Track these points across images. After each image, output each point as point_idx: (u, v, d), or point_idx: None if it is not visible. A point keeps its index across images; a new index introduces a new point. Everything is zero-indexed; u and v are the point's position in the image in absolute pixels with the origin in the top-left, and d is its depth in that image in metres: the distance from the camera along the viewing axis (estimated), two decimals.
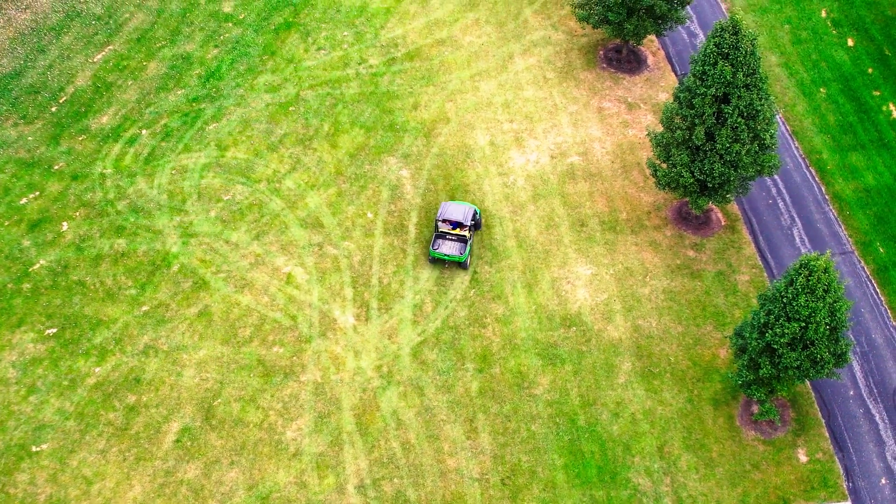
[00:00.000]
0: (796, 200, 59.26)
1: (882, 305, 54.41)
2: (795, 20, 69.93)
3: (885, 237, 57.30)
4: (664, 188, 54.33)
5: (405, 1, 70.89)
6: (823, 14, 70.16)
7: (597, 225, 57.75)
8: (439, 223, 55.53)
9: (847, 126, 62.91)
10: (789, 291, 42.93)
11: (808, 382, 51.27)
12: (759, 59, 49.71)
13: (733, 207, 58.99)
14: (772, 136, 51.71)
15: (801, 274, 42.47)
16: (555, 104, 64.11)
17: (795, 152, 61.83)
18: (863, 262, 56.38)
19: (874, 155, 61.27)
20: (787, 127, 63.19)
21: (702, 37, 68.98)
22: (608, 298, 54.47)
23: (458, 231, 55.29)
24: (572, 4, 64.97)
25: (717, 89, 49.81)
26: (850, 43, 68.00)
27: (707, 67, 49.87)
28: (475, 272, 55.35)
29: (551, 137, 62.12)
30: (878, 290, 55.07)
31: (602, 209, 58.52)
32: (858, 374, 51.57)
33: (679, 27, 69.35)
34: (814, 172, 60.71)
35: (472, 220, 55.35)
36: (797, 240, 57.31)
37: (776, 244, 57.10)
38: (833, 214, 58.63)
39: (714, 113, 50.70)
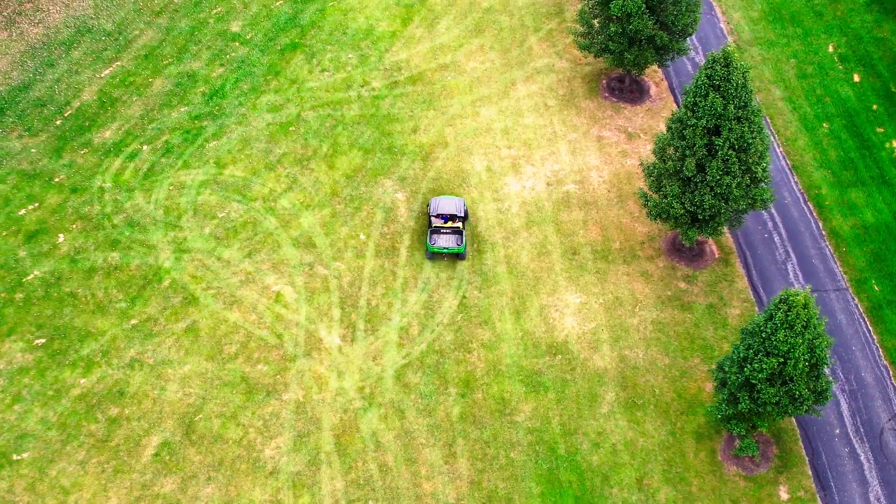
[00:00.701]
0: (792, 235, 58.81)
1: (874, 344, 53.76)
2: (802, 54, 69.65)
3: (880, 275, 56.70)
4: (655, 219, 54.12)
5: (412, 25, 71.39)
6: (831, 49, 69.84)
7: (589, 254, 57.59)
8: (433, 219, 57.13)
9: (848, 162, 62.46)
10: (768, 326, 42.57)
11: (793, 419, 50.70)
12: (752, 91, 49.57)
13: (728, 240, 58.63)
14: (764, 170, 51.44)
15: (780, 309, 42.10)
16: (554, 132, 64.16)
17: (794, 187, 61.43)
18: (857, 299, 55.78)
19: (874, 192, 60.73)
20: (788, 161, 62.84)
21: None
22: (596, 327, 54.22)
23: (450, 224, 56.98)
24: (574, 33, 65.09)
25: (707, 121, 49.66)
26: (857, 79, 67.61)
27: (698, 99, 49.77)
28: (464, 297, 55.32)
29: (549, 165, 62.13)
30: (870, 328, 54.44)
31: (595, 238, 58.36)
32: (846, 413, 50.92)
33: (684, 58, 69.32)
34: (812, 207, 60.27)
35: (463, 212, 57.38)
36: (791, 275, 56.83)
37: (769, 279, 56.64)
38: (829, 250, 58.11)
39: (705, 145, 50.54)
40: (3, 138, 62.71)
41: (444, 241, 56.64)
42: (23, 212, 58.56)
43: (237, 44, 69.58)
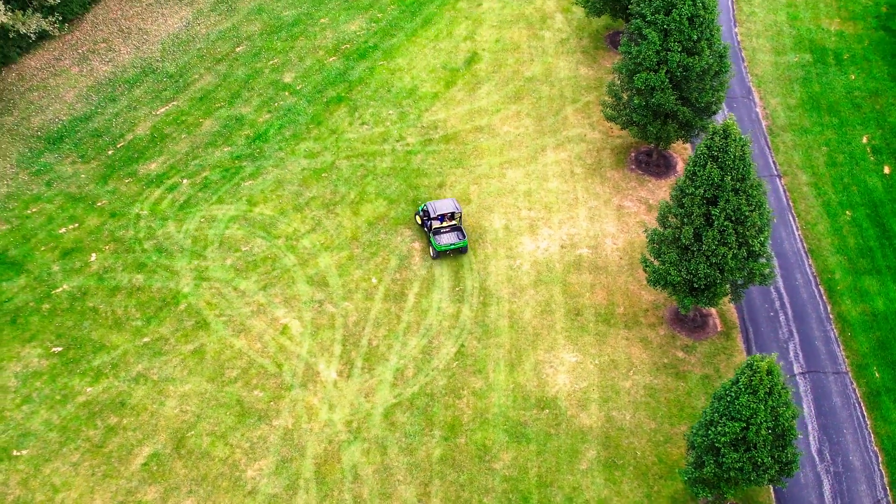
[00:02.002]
0: (798, 316, 58.88)
1: (866, 429, 53.28)
2: (834, 143, 70.14)
3: (883, 362, 56.31)
4: (654, 285, 55.00)
5: (454, 88, 74.25)
6: (864, 140, 70.20)
7: (592, 315, 58.59)
8: (432, 222, 61.06)
9: (866, 250, 62.42)
10: (732, 390, 43.03)
11: (772, 495, 50.46)
12: (751, 165, 50.55)
13: (732, 315, 59.03)
14: (762, 244, 52.05)
15: (744, 373, 42.58)
16: (576, 198, 65.75)
17: (808, 269, 61.59)
18: (855, 384, 55.44)
19: (889, 281, 60.52)
20: (804, 244, 63.09)
21: None
22: (587, 387, 54.99)
23: (447, 223, 61.47)
24: (603, 104, 66.99)
25: (705, 191, 50.76)
26: (887, 171, 67.75)
27: (697, 168, 50.99)
28: (462, 346, 56.78)
29: (565, 228, 63.63)
30: (864, 413, 54.00)
31: (600, 301, 59.38)
32: (827, 494, 50.44)
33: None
34: (822, 291, 60.30)
35: (458, 209, 61.53)
36: (791, 354, 56.84)
37: None
38: (834, 334, 57.98)
39: (703, 214, 51.54)
40: (57, 163, 67.18)
41: (448, 239, 60.93)
42: (63, 230, 62.44)
43: (287, 93, 73.37)
